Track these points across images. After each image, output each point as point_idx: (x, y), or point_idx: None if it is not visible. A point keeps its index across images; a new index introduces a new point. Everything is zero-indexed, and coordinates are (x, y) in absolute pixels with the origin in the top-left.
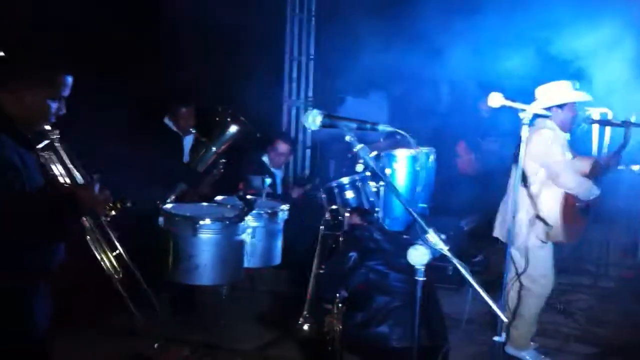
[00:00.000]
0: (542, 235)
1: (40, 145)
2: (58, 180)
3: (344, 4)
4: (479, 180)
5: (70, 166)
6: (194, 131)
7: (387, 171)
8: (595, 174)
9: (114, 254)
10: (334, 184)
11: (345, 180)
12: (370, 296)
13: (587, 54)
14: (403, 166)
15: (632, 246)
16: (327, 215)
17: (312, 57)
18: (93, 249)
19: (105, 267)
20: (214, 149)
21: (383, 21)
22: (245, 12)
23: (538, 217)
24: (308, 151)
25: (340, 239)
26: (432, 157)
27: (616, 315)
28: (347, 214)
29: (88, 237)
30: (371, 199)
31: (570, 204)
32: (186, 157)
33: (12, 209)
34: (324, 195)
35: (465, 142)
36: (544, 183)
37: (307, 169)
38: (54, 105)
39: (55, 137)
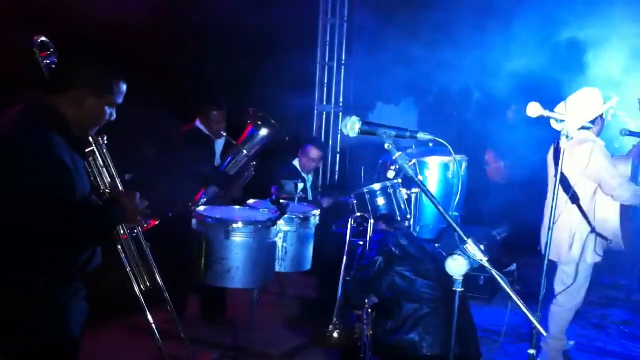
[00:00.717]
0: (601, 250)
1: (87, 150)
2: (99, 186)
3: (376, 10)
4: (511, 189)
5: (114, 172)
6: (225, 134)
7: (419, 178)
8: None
9: (143, 265)
10: (365, 190)
11: (376, 186)
12: (398, 302)
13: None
14: (435, 173)
15: None
16: (353, 222)
17: (343, 62)
18: (123, 258)
19: (132, 279)
20: (245, 152)
21: (415, 28)
22: (277, 17)
23: (595, 232)
24: (338, 157)
25: (367, 245)
26: (464, 165)
27: None
28: (372, 221)
29: (119, 246)
30: (402, 206)
31: (624, 213)
32: (218, 161)
33: (60, 212)
34: (355, 201)
35: (494, 150)
36: (595, 197)
37: (337, 174)
38: (109, 112)
39: (103, 142)
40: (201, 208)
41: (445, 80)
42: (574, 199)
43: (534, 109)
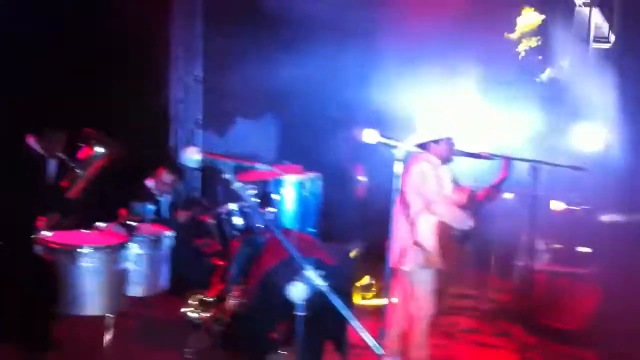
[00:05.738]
0: (422, 260)
1: None
2: None
3: (232, 21)
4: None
5: None
6: (59, 154)
7: (276, 197)
8: (473, 205)
9: None
10: (223, 210)
11: (234, 206)
12: None
13: None
14: (291, 192)
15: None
16: None
17: (199, 77)
18: None
19: None
20: (79, 172)
21: (270, 41)
22: (127, 30)
23: (416, 243)
24: (197, 173)
25: None
26: (319, 182)
27: (497, 337)
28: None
29: None
30: (258, 225)
31: (445, 231)
32: (51, 181)
33: None
34: (213, 221)
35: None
36: (419, 212)
37: (197, 191)
38: None
39: None
40: (47, 233)
41: (302, 95)
42: (407, 212)
43: (371, 136)
